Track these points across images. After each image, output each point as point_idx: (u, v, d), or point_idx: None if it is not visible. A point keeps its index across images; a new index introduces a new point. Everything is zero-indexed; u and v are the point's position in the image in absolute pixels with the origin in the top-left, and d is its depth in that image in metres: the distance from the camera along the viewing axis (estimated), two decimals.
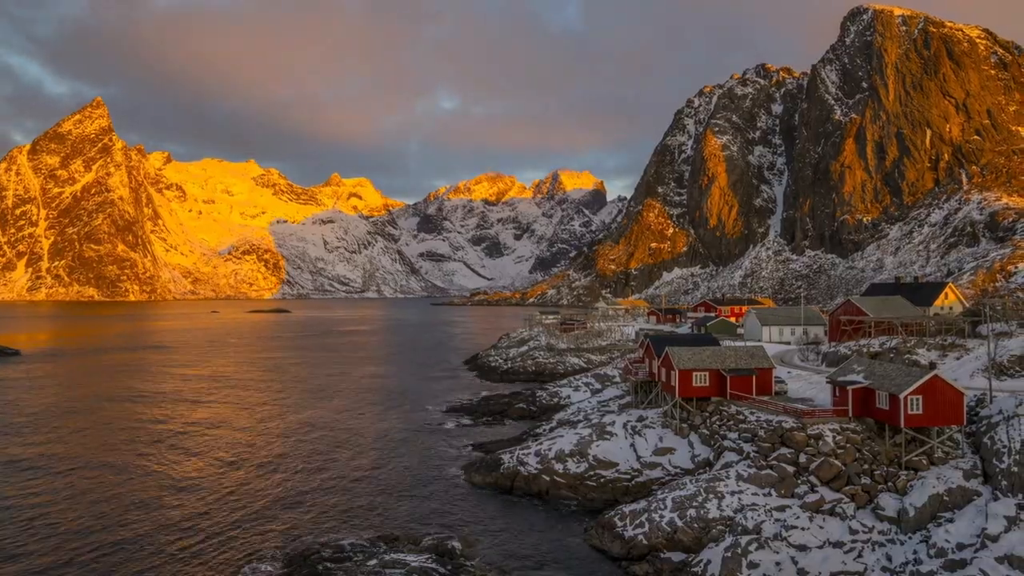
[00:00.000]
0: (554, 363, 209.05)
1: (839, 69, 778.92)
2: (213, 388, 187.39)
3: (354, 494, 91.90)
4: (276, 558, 70.39)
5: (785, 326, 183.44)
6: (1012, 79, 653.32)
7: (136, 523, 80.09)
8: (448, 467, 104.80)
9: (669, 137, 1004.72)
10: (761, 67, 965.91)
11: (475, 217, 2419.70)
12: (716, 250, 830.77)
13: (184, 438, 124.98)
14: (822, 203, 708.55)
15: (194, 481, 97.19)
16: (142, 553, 71.57)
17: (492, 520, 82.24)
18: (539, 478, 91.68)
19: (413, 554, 68.79)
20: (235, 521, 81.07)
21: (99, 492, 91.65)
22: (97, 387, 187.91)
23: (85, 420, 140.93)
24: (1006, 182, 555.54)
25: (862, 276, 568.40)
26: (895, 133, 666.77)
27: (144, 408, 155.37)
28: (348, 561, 66.81)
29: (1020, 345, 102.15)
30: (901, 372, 78.15)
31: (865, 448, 74.73)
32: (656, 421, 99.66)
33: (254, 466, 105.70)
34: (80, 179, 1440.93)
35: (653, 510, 73.80)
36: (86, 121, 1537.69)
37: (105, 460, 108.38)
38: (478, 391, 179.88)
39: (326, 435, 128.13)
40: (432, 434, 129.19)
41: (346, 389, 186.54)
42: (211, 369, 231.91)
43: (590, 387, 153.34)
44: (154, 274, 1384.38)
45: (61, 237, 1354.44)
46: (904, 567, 60.96)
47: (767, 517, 68.48)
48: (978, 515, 62.21)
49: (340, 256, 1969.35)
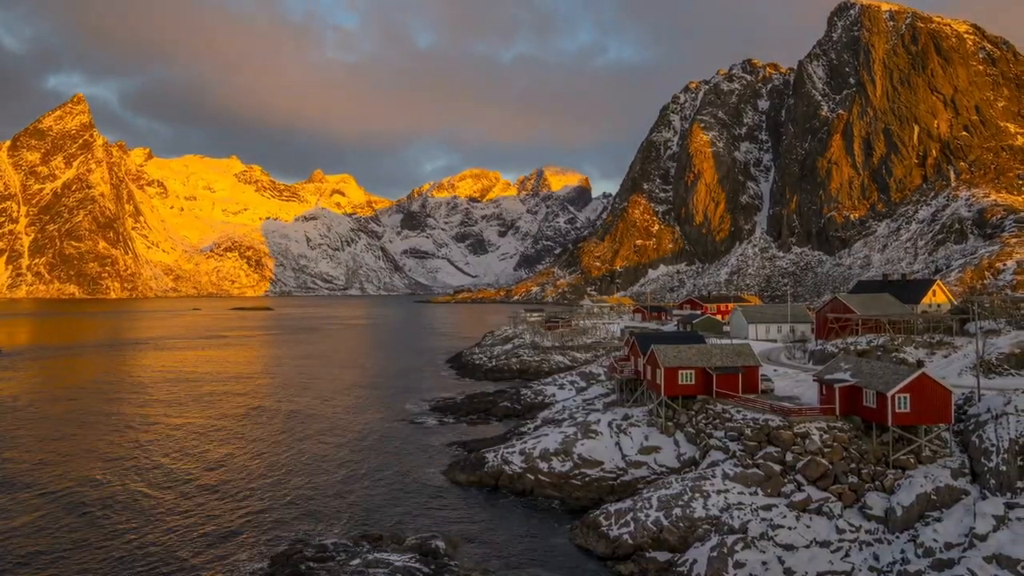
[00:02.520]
0: (539, 361, 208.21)
1: (826, 64, 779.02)
2: (193, 389, 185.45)
3: (337, 493, 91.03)
4: (259, 558, 69.84)
5: (772, 324, 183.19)
6: (1000, 74, 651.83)
7: (114, 523, 79.03)
8: (432, 466, 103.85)
9: (655, 133, 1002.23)
10: (747, 63, 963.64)
11: (459, 214, 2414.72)
12: (702, 247, 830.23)
13: (164, 438, 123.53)
14: (809, 200, 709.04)
15: (173, 482, 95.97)
16: (121, 553, 70.68)
17: (476, 519, 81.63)
18: (524, 477, 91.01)
19: (397, 553, 68.28)
20: (216, 521, 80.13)
21: (78, 493, 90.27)
22: (77, 386, 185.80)
23: (65, 420, 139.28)
24: (994, 178, 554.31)
25: (849, 273, 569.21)
26: (882, 129, 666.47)
27: (122, 409, 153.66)
28: (331, 561, 66.52)
29: (1008, 343, 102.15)
30: (888, 370, 77.67)
31: (852, 447, 74.23)
32: (642, 419, 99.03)
33: (235, 466, 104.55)
34: (61, 175, 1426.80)
35: (638, 509, 73.23)
36: (67, 117, 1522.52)
37: (84, 460, 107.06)
38: (462, 389, 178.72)
39: (308, 434, 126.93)
40: (416, 432, 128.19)
41: (328, 387, 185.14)
42: (192, 369, 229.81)
43: (575, 385, 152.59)
44: (135, 271, 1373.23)
45: (42, 234, 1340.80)
46: (891, 567, 60.53)
47: (753, 516, 67.97)
48: (966, 514, 61.77)
49: (323, 253, 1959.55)
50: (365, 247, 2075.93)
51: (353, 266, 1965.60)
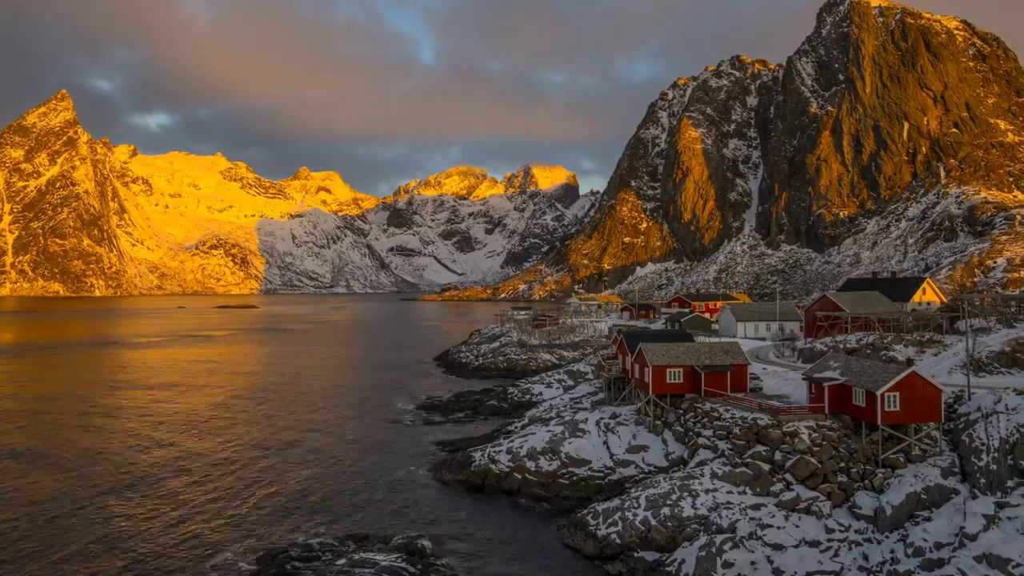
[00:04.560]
0: (526, 359, 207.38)
1: (815, 61, 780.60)
2: (175, 388, 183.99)
3: (322, 493, 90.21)
4: (244, 558, 69.35)
5: (760, 322, 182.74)
6: (991, 71, 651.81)
7: (101, 523, 78.19)
8: (418, 465, 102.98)
9: (643, 130, 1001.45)
10: (736, 59, 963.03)
11: (446, 211, 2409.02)
12: (690, 245, 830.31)
13: (147, 439, 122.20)
14: (798, 197, 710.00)
15: (158, 481, 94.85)
16: (108, 553, 69.98)
17: (463, 519, 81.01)
18: (511, 476, 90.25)
19: (383, 553, 67.84)
20: (201, 521, 79.34)
21: (63, 492, 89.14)
22: (61, 386, 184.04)
23: (48, 419, 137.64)
24: (984, 176, 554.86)
25: (838, 271, 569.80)
26: (872, 126, 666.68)
27: (106, 409, 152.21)
28: (317, 560, 66.23)
29: (999, 341, 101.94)
30: (878, 369, 77.26)
31: (841, 446, 73.75)
32: (629, 418, 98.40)
33: (220, 465, 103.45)
34: (45, 172, 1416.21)
35: (626, 508, 72.60)
36: (51, 114, 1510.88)
37: (69, 460, 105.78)
38: (449, 387, 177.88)
39: (293, 433, 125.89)
40: (402, 431, 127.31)
41: (314, 386, 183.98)
42: (176, 368, 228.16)
43: (562, 384, 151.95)
44: (120, 269, 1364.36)
45: (26, 231, 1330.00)
46: (881, 566, 60.04)
47: (742, 516, 67.39)
48: (956, 514, 61.32)
49: (309, 251, 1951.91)
50: (351, 244, 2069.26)
51: (339, 264, 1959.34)
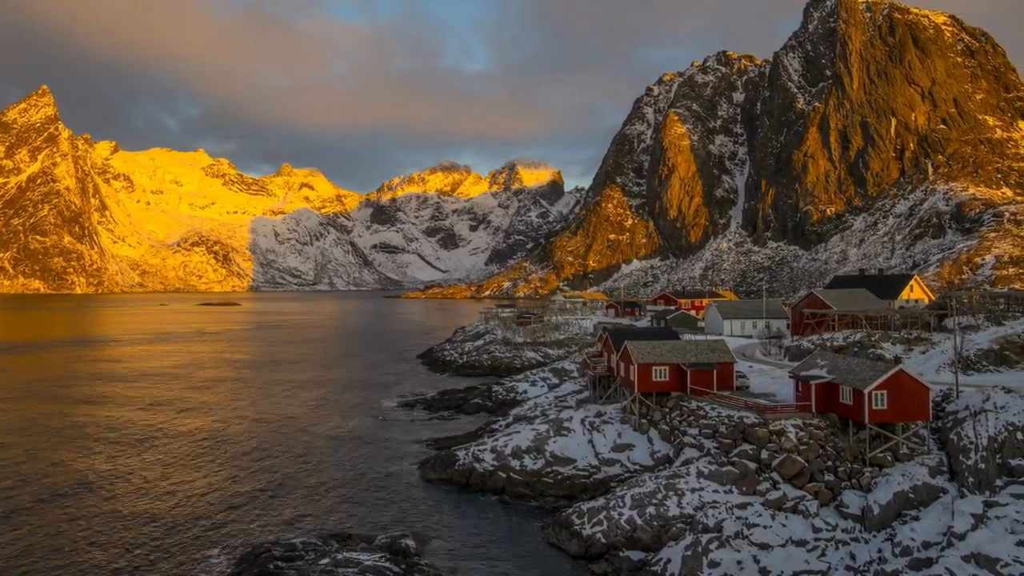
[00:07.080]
0: (511, 357, 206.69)
1: (802, 56, 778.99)
2: (159, 386, 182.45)
3: (306, 491, 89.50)
4: (226, 557, 68.88)
5: (747, 319, 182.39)
6: (979, 67, 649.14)
7: (81, 524, 77.30)
8: (402, 463, 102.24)
9: (628, 126, 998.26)
10: (722, 54, 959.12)
11: (430, 208, 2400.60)
12: (676, 242, 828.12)
13: (129, 437, 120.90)
14: (785, 194, 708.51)
15: (140, 481, 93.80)
16: (85, 555, 69.10)
17: (447, 518, 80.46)
18: (495, 475, 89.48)
19: (366, 553, 67.30)
20: (183, 521, 78.51)
21: (41, 492, 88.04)
22: (41, 384, 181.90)
23: (30, 418, 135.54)
24: (973, 172, 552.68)
25: (825, 268, 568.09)
26: (859, 122, 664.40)
27: (87, 407, 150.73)
28: (300, 560, 65.68)
29: (987, 339, 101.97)
30: (865, 367, 76.85)
31: (828, 444, 73.30)
32: (615, 417, 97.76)
33: (203, 464, 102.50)
34: (26, 169, 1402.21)
35: (612, 508, 72.00)
36: (31, 110, 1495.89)
37: (48, 459, 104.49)
38: (433, 385, 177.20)
39: (277, 431, 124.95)
40: (385, 430, 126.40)
41: (298, 384, 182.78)
42: (158, 367, 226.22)
43: (547, 382, 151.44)
44: (101, 266, 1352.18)
45: (6, 228, 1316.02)
46: (868, 566, 59.68)
47: (728, 515, 66.86)
48: (944, 513, 61.03)
49: (291, 248, 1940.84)
50: (334, 241, 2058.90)
51: (322, 261, 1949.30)
